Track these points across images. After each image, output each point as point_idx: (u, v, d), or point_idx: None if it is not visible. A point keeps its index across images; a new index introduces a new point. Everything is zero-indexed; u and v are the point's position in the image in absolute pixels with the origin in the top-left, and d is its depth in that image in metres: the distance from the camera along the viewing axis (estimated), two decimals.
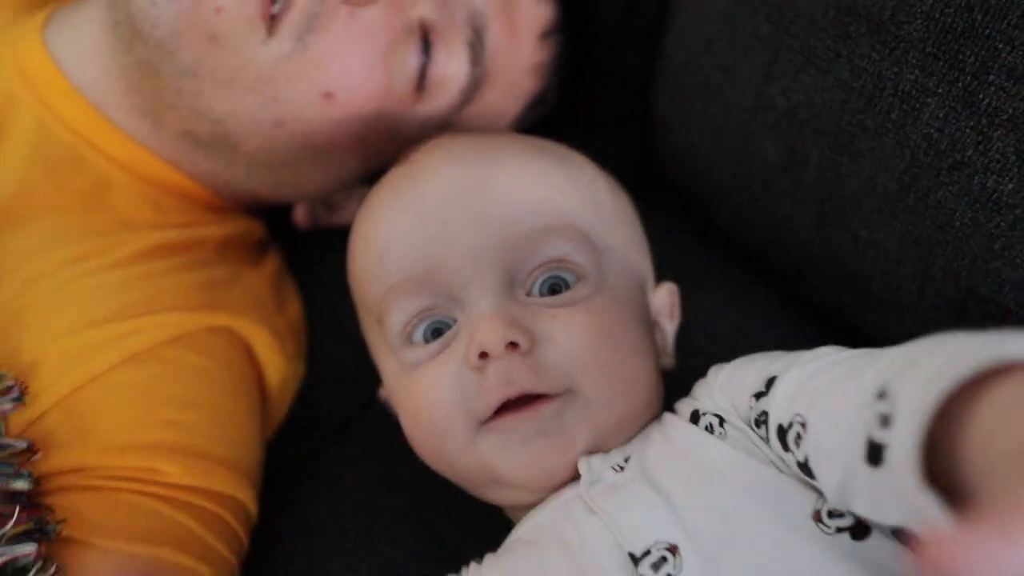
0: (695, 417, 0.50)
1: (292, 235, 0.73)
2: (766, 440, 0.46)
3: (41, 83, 0.63)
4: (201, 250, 0.64)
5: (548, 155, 0.57)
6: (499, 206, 0.52)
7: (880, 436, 0.36)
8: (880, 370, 0.38)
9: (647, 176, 0.76)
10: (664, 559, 0.44)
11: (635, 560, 0.45)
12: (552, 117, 0.73)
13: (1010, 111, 0.47)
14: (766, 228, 0.63)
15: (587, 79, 0.76)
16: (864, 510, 0.40)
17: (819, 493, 0.45)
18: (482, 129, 0.67)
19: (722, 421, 0.49)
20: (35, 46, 0.64)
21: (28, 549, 0.47)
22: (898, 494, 0.35)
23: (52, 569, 0.47)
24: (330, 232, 0.71)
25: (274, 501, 0.61)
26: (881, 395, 0.36)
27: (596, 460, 0.50)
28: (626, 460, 0.50)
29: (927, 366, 0.35)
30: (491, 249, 0.51)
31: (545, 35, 0.69)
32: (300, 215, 0.72)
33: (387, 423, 0.62)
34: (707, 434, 0.49)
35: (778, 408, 0.45)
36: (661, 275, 0.61)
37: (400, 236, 0.53)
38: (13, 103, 0.63)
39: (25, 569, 0.47)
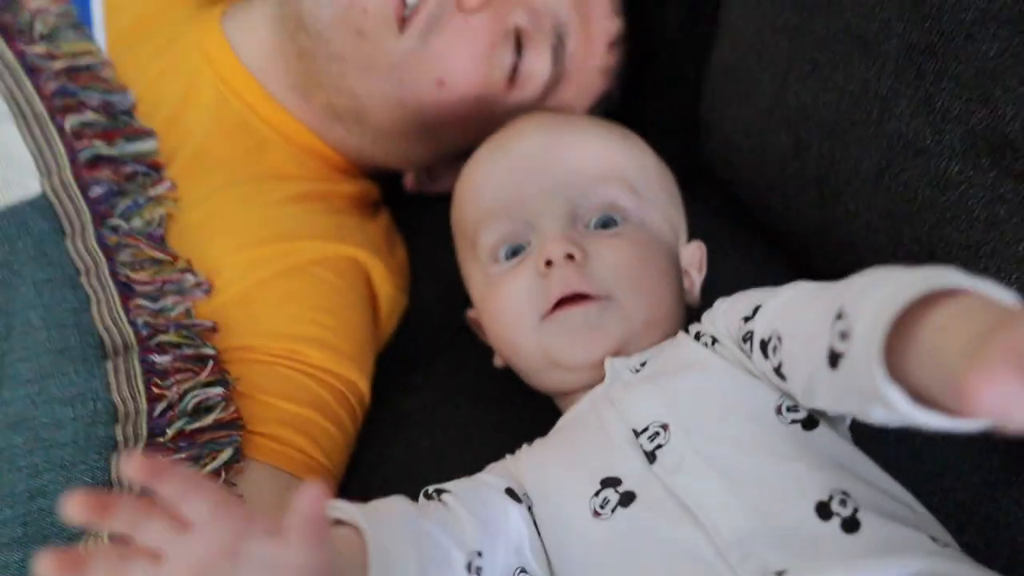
0: (697, 336, 0.63)
1: (401, 197, 0.90)
2: (749, 354, 0.58)
3: (219, 62, 0.80)
4: (334, 200, 0.81)
5: (609, 128, 0.73)
6: (568, 159, 0.68)
7: (839, 347, 0.45)
8: (837, 295, 0.47)
9: (696, 169, 0.92)
10: (657, 433, 0.57)
11: (636, 434, 0.57)
12: (616, 114, 0.89)
13: (957, 110, 0.62)
14: (779, 206, 0.78)
15: (647, 84, 0.92)
16: (823, 403, 0.51)
17: (781, 393, 0.56)
18: None
19: (715, 340, 0.61)
20: (215, 32, 0.81)
21: (216, 391, 0.65)
22: (855, 391, 0.45)
23: (232, 408, 0.65)
24: (430, 198, 0.88)
25: (382, 398, 0.78)
26: (839, 316, 0.46)
27: (619, 362, 0.63)
28: (642, 364, 0.63)
29: (879, 293, 0.43)
30: (560, 189, 0.66)
31: (614, 44, 0.84)
32: (409, 181, 0.88)
33: (470, 347, 0.79)
34: (702, 346, 0.62)
35: (761, 327, 0.56)
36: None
37: (493, 177, 0.69)
38: (198, 77, 0.80)
39: (212, 407, 0.65)
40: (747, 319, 0.58)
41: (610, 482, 0.57)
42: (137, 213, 0.70)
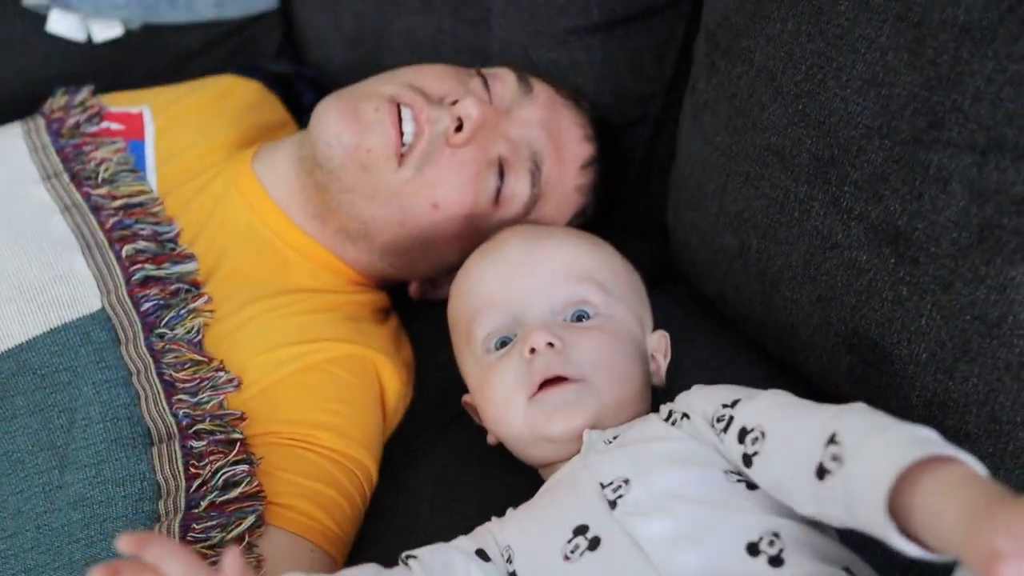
0: (669, 414, 0.72)
1: (407, 303, 1.02)
2: (719, 433, 0.66)
3: (250, 195, 0.94)
4: (348, 308, 0.92)
5: (580, 236, 0.85)
6: (546, 263, 0.80)
7: (830, 466, 0.55)
8: (829, 420, 0.57)
9: (664, 266, 1.04)
10: (620, 486, 0.66)
11: (603, 487, 0.67)
12: (593, 221, 1.01)
13: (859, 209, 0.74)
14: (732, 297, 0.89)
15: (620, 195, 1.05)
16: (792, 500, 0.59)
17: (727, 462, 0.65)
18: None
19: (685, 415, 0.70)
20: (247, 171, 0.95)
21: (243, 468, 0.76)
22: (842, 506, 0.53)
23: (255, 483, 0.76)
24: (432, 303, 1.00)
25: (387, 476, 0.88)
26: (832, 440, 0.55)
27: (595, 434, 0.73)
28: (614, 437, 0.73)
29: (875, 443, 0.53)
30: (540, 289, 0.78)
31: (586, 165, 0.97)
32: (413, 289, 1.00)
33: (469, 429, 0.89)
34: (665, 423, 0.71)
35: (745, 417, 0.64)
36: (669, 335, 0.86)
37: (483, 280, 0.81)
38: (232, 208, 0.93)
39: (239, 482, 0.76)
40: (726, 406, 0.67)
41: (580, 530, 0.66)
42: (180, 323, 0.83)
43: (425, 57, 1.09)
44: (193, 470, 0.76)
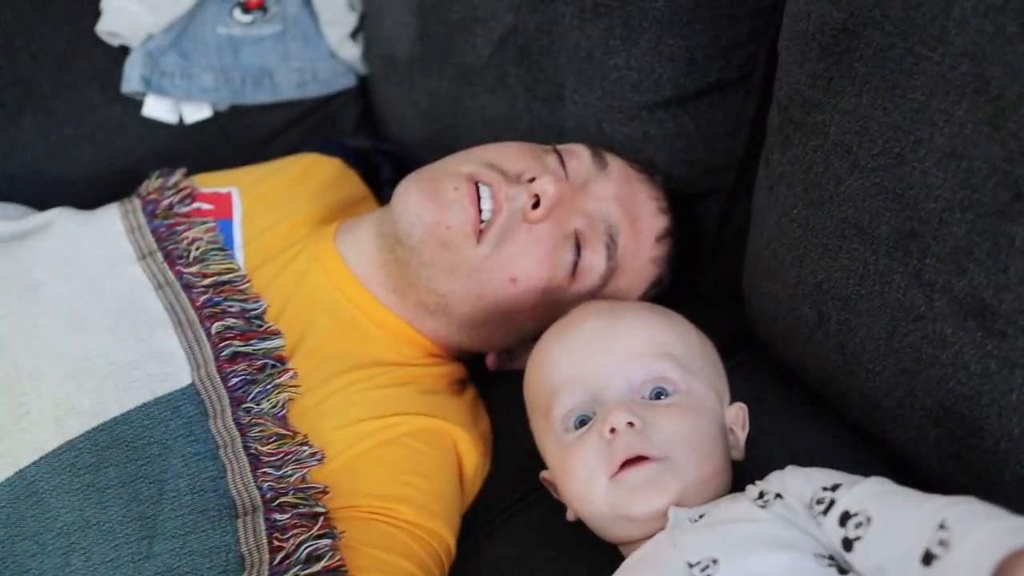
0: (761, 495, 0.71)
1: (485, 375, 1.03)
2: (816, 516, 0.66)
3: (332, 271, 0.97)
4: (426, 381, 0.94)
5: (655, 310, 0.85)
6: (623, 340, 0.80)
7: (937, 551, 0.57)
8: (939, 508, 0.60)
9: (742, 336, 1.04)
10: (708, 565, 0.66)
11: (690, 566, 0.66)
12: (669, 292, 1.02)
13: (941, 282, 0.73)
14: (812, 368, 0.89)
15: (696, 265, 1.06)
16: None
17: (819, 546, 0.66)
18: None
19: (778, 496, 0.70)
20: (328, 245, 0.98)
21: (325, 542, 0.77)
22: None
23: (337, 557, 0.77)
24: (510, 374, 1.02)
25: (466, 549, 0.89)
26: (942, 526, 0.58)
27: (682, 511, 0.72)
28: (700, 516, 0.73)
29: (984, 528, 0.56)
30: (618, 367, 0.78)
31: (660, 237, 0.98)
32: (491, 361, 1.01)
33: (546, 502, 0.89)
34: (755, 504, 0.71)
35: (849, 501, 0.65)
36: (747, 404, 0.85)
37: (561, 358, 0.81)
38: (315, 284, 0.96)
39: (321, 556, 0.77)
40: (827, 488, 0.68)
41: None
42: (266, 398, 0.86)
43: (500, 133, 1.12)
44: (276, 543, 0.77)
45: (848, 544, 0.64)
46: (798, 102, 0.84)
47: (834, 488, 0.68)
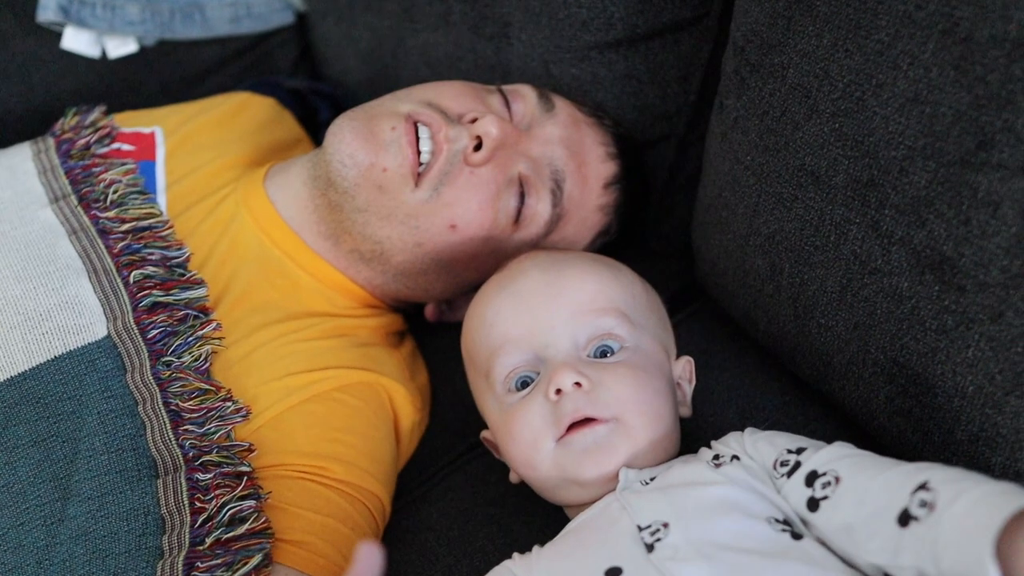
0: (716, 456, 0.69)
1: (423, 326, 0.99)
2: (777, 477, 0.66)
3: (260, 214, 0.91)
4: (361, 333, 0.90)
5: (600, 262, 0.81)
6: (567, 295, 0.75)
7: (917, 512, 0.56)
8: (917, 470, 0.59)
9: (690, 289, 1.01)
10: (658, 530, 0.64)
11: (640, 529, 0.64)
12: (616, 243, 0.98)
13: (900, 233, 0.70)
14: (762, 322, 0.86)
15: (644, 216, 1.02)
16: (864, 549, 0.59)
17: (776, 509, 0.64)
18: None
19: (735, 457, 0.68)
20: (258, 189, 0.92)
21: (250, 504, 0.73)
22: (928, 553, 0.54)
23: (263, 519, 0.73)
24: (449, 325, 0.98)
25: (402, 508, 0.85)
26: (923, 487, 0.56)
27: (632, 472, 0.69)
28: (651, 479, 0.70)
29: (975, 492, 0.54)
30: (563, 323, 0.74)
31: (608, 184, 0.94)
32: (429, 312, 0.97)
33: (486, 458, 0.86)
34: (709, 466, 0.68)
35: (817, 462, 0.64)
36: (695, 359, 0.82)
37: (501, 314, 0.76)
38: (243, 230, 0.91)
39: (246, 518, 0.73)
40: (791, 451, 0.67)
41: (612, 572, 0.63)
42: (187, 351, 0.80)
43: (443, 73, 1.06)
44: (199, 504, 0.73)
45: (814, 504, 0.63)
46: (755, 43, 0.80)
47: (799, 451, 0.66)
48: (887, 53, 0.69)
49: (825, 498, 0.62)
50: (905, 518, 0.57)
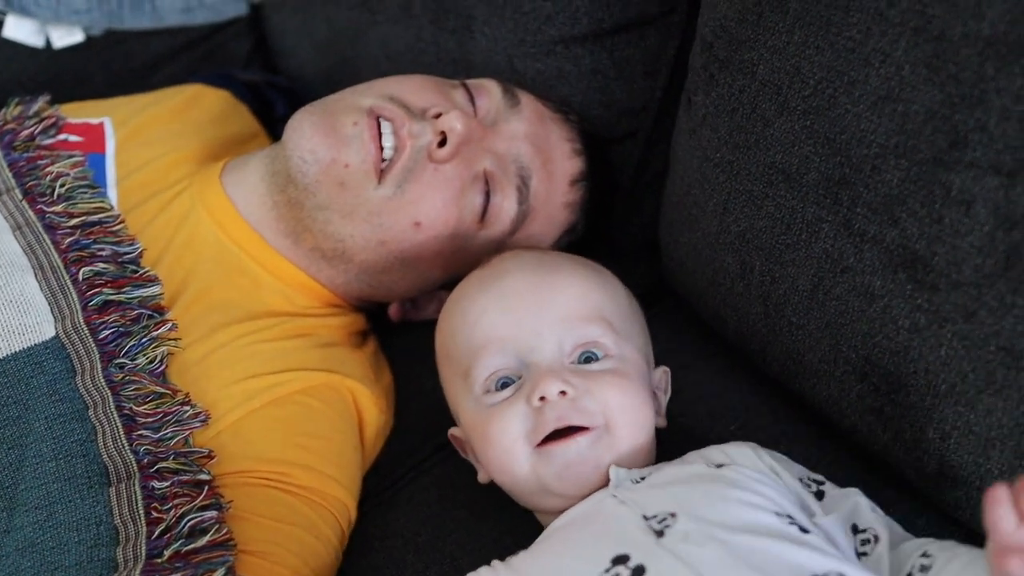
0: (719, 466, 0.68)
1: (387, 326, 0.97)
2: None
3: (218, 210, 0.88)
4: (323, 333, 0.87)
5: (588, 267, 0.79)
6: (554, 299, 0.73)
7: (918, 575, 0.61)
8: (923, 543, 0.64)
9: (657, 288, 1.00)
10: (665, 519, 0.62)
11: (646, 519, 0.63)
12: (582, 240, 0.97)
13: (872, 232, 0.69)
14: (732, 321, 0.85)
15: (610, 213, 1.01)
16: None
17: (778, 504, 0.64)
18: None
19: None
20: (214, 185, 0.89)
21: (211, 515, 0.70)
22: None
23: (224, 530, 0.70)
24: (414, 324, 0.96)
25: (368, 513, 0.83)
26: (924, 555, 0.62)
27: (623, 471, 0.69)
28: (642, 478, 0.68)
29: (965, 556, 0.60)
30: (548, 328, 0.72)
31: (575, 181, 0.92)
32: (393, 311, 0.95)
33: (453, 460, 0.84)
34: (708, 467, 0.67)
35: (862, 517, 0.66)
36: (662, 360, 0.82)
37: (488, 314, 0.74)
38: (199, 226, 0.88)
39: (207, 529, 0.70)
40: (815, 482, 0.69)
41: (620, 560, 0.61)
42: (141, 352, 0.77)
43: (404, 67, 1.04)
44: (155, 514, 0.70)
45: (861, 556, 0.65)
46: (724, 39, 0.79)
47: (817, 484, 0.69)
48: (859, 50, 0.68)
49: (865, 554, 0.64)
50: None
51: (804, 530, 0.62)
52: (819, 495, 0.68)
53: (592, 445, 0.69)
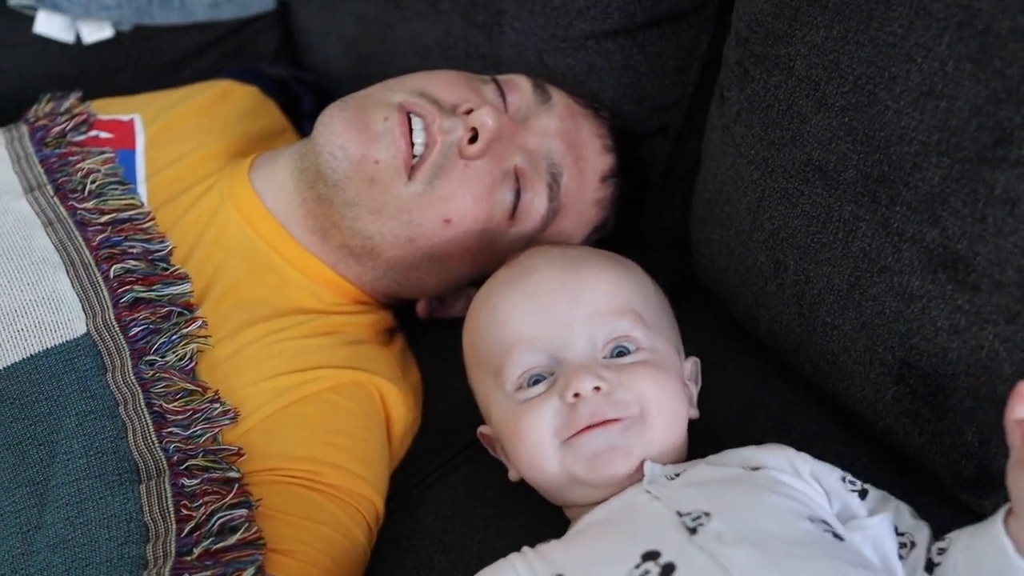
0: (754, 468, 0.67)
1: (415, 323, 0.96)
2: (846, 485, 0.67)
3: (246, 207, 0.88)
4: (350, 330, 0.87)
5: (616, 261, 0.78)
6: (584, 294, 0.73)
7: (936, 558, 0.62)
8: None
9: (688, 285, 0.98)
10: (699, 516, 0.61)
11: (680, 515, 0.62)
12: (613, 236, 0.96)
13: (911, 231, 0.68)
14: (765, 319, 0.84)
15: (641, 209, 1.00)
16: None
17: (813, 510, 0.64)
18: None
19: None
20: (243, 181, 0.89)
21: (241, 512, 0.70)
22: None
23: (254, 529, 0.70)
24: (441, 322, 0.95)
25: (395, 511, 0.82)
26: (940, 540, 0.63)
27: (657, 467, 0.68)
28: (676, 475, 0.68)
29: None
30: (580, 323, 0.71)
31: (605, 178, 0.91)
32: (421, 308, 0.94)
33: (481, 458, 0.83)
34: (744, 471, 0.67)
35: (902, 521, 0.66)
36: (693, 355, 0.81)
37: (517, 312, 0.73)
38: (228, 223, 0.87)
39: (237, 528, 0.70)
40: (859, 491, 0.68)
41: (650, 556, 0.60)
42: (171, 349, 0.77)
43: (433, 63, 1.03)
44: (185, 511, 0.70)
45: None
46: (760, 33, 0.78)
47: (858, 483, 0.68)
48: (900, 45, 0.67)
49: (901, 558, 0.64)
50: (930, 567, 0.62)
51: (839, 537, 0.61)
52: (862, 494, 0.67)
53: (622, 433, 0.68)
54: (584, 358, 0.71)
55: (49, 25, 1.13)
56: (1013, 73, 0.61)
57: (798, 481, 0.66)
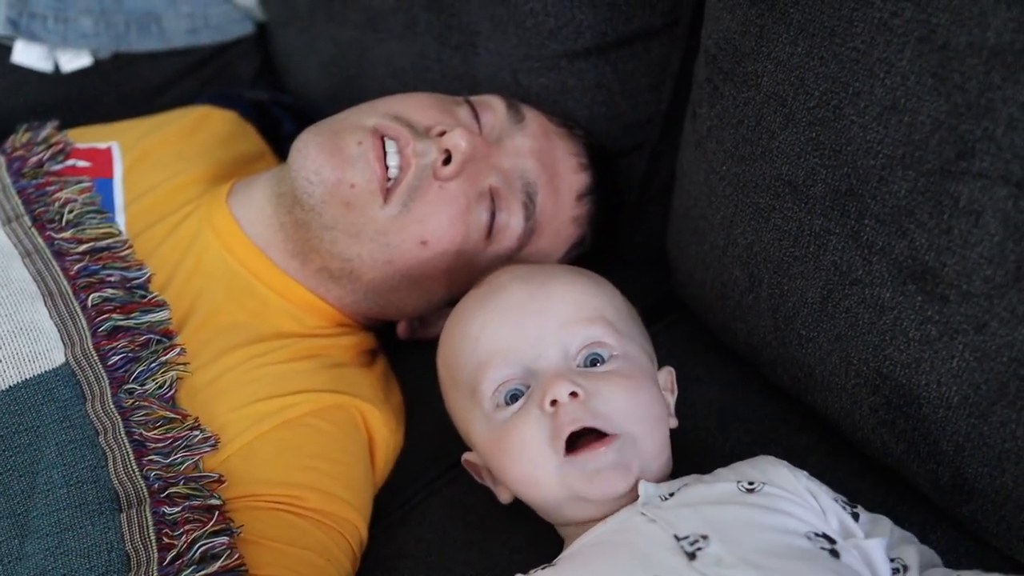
0: (750, 483, 0.67)
1: (397, 344, 0.97)
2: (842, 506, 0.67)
3: (224, 233, 0.88)
4: (332, 353, 0.87)
5: (583, 273, 0.79)
6: (553, 306, 0.74)
7: None
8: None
9: (666, 300, 0.99)
10: (697, 540, 0.62)
11: (678, 539, 0.62)
12: (590, 254, 0.96)
13: (880, 243, 0.69)
14: (742, 333, 0.84)
15: (618, 226, 1.00)
16: None
17: (811, 527, 0.64)
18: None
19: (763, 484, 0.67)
20: (221, 207, 0.89)
21: (222, 540, 0.70)
22: None
23: (236, 556, 0.70)
24: (423, 342, 0.95)
25: (379, 534, 0.82)
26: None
27: (651, 487, 0.68)
28: (671, 494, 0.68)
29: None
30: (551, 334, 0.72)
31: (581, 196, 0.92)
32: (402, 329, 0.95)
33: (464, 479, 0.84)
34: (739, 489, 0.67)
35: (894, 548, 0.66)
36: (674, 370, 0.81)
37: (489, 328, 0.74)
38: (207, 249, 0.88)
39: (218, 555, 0.70)
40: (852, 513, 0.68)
41: None
42: (150, 377, 0.77)
43: (409, 84, 1.04)
44: (166, 539, 0.70)
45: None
46: (728, 51, 0.79)
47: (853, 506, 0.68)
48: (863, 61, 0.68)
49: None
50: None
51: (836, 554, 0.62)
52: (855, 516, 0.67)
53: (619, 451, 0.68)
54: (558, 367, 0.71)
55: (26, 55, 1.13)
56: (972, 87, 0.62)
57: (795, 497, 0.66)
